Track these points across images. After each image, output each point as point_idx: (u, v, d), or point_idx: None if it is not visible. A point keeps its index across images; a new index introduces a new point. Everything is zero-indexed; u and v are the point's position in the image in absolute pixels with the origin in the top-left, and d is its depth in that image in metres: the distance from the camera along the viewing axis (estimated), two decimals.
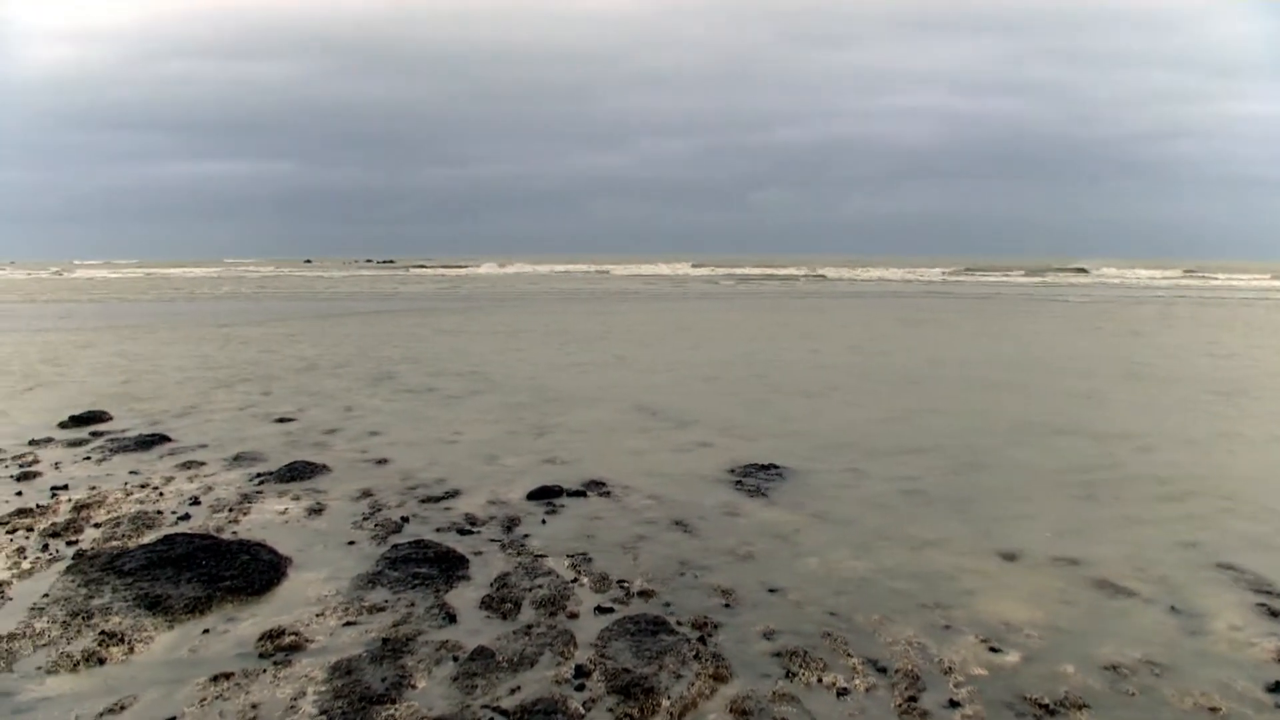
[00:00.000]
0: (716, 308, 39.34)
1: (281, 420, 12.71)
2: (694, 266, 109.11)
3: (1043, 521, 8.12)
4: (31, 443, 11.20)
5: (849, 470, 9.86)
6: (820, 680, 5.25)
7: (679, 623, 5.98)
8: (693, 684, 5.17)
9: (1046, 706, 4.97)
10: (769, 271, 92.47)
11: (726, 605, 6.30)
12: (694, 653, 5.52)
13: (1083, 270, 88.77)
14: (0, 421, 12.60)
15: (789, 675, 5.31)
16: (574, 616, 6.11)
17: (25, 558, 7.14)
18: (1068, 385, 15.80)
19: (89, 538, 7.62)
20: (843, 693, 5.12)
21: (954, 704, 5.00)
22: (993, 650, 5.63)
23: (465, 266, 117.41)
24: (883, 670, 5.37)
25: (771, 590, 6.57)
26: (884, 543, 7.57)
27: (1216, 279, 74.56)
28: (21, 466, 9.97)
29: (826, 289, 60.23)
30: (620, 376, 17.03)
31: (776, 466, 9.87)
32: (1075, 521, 8.14)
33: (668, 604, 6.32)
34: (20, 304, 44.62)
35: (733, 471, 9.76)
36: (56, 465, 10.08)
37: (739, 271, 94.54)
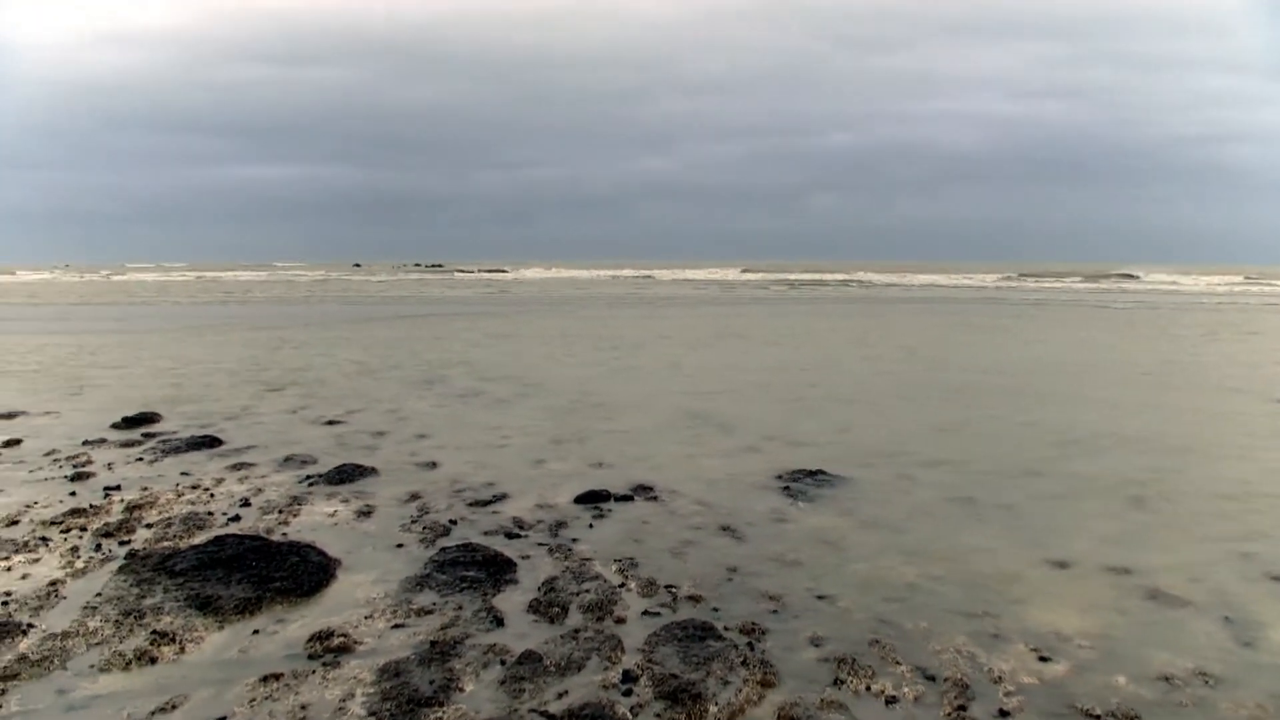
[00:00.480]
0: (766, 313, 39.24)
1: (331, 423, 12.78)
2: (743, 271, 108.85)
3: (1094, 530, 8.04)
4: (85, 443, 11.32)
5: (898, 477, 9.80)
6: (869, 688, 5.21)
7: (726, 628, 5.96)
8: (740, 690, 5.15)
9: (1098, 717, 4.91)
10: (819, 276, 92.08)
11: (774, 611, 6.27)
12: (741, 659, 5.50)
13: (1131, 276, 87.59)
14: (54, 422, 12.75)
15: (837, 682, 5.28)
16: (621, 621, 6.11)
17: (79, 557, 7.21)
18: (1123, 394, 15.64)
19: (141, 538, 7.70)
20: (891, 701, 5.08)
21: (1004, 714, 4.95)
22: (1043, 659, 5.58)
23: (505, 271, 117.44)
24: (931, 678, 5.33)
25: (820, 597, 6.54)
26: (933, 550, 7.51)
27: (1277, 285, 73.21)
28: (75, 467, 10.08)
29: (878, 294, 59.96)
30: (669, 381, 17.02)
31: (825, 473, 9.82)
32: (1128, 531, 8.05)
33: (715, 609, 6.30)
34: (75, 306, 45.16)
35: (780, 477, 9.73)
36: (109, 466, 10.19)
37: (789, 276, 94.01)
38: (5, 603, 6.27)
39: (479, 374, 18.00)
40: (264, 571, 6.67)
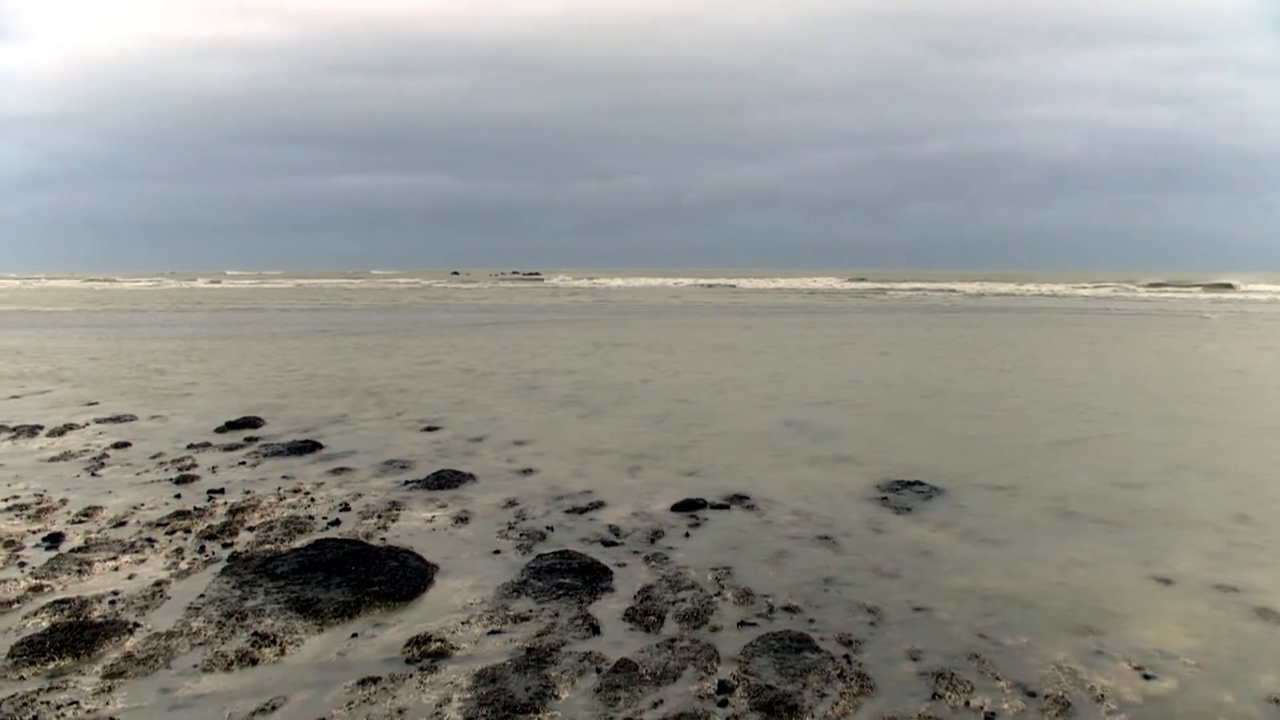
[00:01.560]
0: (868, 323, 38.86)
1: (429, 429, 12.89)
2: (850, 280, 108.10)
3: (1201, 548, 7.83)
4: (190, 447, 11.53)
5: (1000, 490, 9.64)
6: (967, 703, 5.13)
7: (823, 640, 5.90)
8: (837, 703, 5.10)
9: None
10: (919, 286, 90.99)
11: (871, 623, 6.20)
12: (838, 671, 5.45)
13: (1228, 286, 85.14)
14: (160, 426, 13.01)
15: (935, 697, 5.20)
16: (717, 631, 6.07)
17: (183, 558, 7.34)
18: (1242, 415, 15.28)
19: (243, 541, 7.81)
20: (990, 717, 4.99)
21: None
22: (1147, 677, 5.45)
23: (601, 279, 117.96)
24: (1032, 695, 5.23)
25: (917, 609, 6.45)
26: (1034, 563, 7.38)
27: None
28: (180, 470, 10.27)
29: (984, 304, 59.07)
30: (768, 391, 16.93)
31: (924, 483, 9.70)
32: (1236, 550, 7.82)
33: (811, 620, 6.25)
34: (181, 313, 46.09)
35: (879, 487, 9.63)
36: (213, 469, 10.37)
37: (895, 285, 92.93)
38: (113, 602, 6.40)
39: (576, 381, 18.06)
40: (363, 576, 6.74)
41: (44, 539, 7.80)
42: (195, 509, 8.73)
